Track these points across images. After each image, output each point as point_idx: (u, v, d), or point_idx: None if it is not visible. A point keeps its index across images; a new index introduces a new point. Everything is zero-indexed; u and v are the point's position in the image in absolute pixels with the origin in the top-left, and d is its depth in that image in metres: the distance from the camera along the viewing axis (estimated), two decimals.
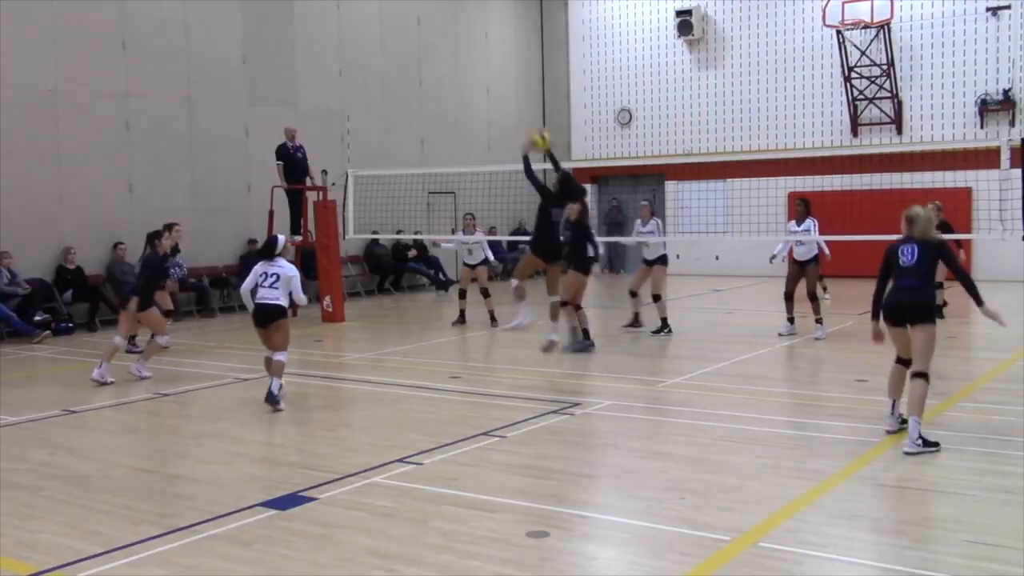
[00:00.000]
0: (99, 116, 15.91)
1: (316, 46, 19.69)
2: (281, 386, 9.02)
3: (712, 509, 5.78)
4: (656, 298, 13.30)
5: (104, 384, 10.28)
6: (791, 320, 12.97)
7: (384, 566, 4.97)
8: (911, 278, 7.24)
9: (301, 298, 9.52)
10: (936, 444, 6.93)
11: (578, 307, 11.82)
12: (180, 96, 17.14)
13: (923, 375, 7.06)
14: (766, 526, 5.44)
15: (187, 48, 17.21)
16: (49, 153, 15.27)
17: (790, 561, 4.94)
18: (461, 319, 14.80)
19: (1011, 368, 10.43)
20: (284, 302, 9.22)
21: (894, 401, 7.41)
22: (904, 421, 7.13)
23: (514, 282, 11.59)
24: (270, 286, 9.15)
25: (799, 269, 12.86)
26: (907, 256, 7.30)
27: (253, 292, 9.31)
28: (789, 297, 12.89)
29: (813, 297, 12.72)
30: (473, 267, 14.91)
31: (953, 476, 6.38)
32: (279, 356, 9.15)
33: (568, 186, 11.60)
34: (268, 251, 9.42)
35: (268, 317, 9.16)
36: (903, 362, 7.37)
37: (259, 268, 9.27)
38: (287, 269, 9.25)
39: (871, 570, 4.84)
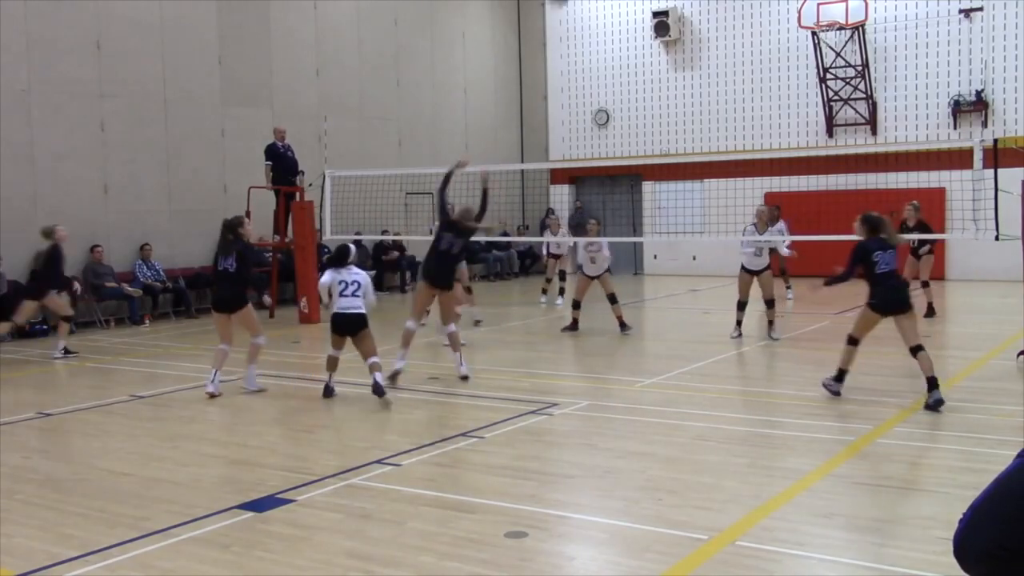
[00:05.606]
0: (74, 116, 15.78)
1: (293, 46, 19.61)
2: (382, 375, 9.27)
3: (690, 508, 5.80)
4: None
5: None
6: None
7: (362, 567, 4.96)
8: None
9: (373, 301, 9.69)
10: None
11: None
12: (156, 96, 17.03)
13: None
14: (743, 525, 5.47)
15: (162, 48, 17.10)
16: (23, 154, 15.12)
17: (767, 560, 4.97)
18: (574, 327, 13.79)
19: (984, 366, 10.54)
20: (365, 309, 9.40)
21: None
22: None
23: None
24: (352, 295, 9.32)
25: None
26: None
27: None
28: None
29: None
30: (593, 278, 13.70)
31: (928, 474, 6.44)
32: (373, 359, 9.29)
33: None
34: (341, 259, 9.51)
35: (356, 326, 9.34)
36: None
37: (335, 276, 9.39)
38: (363, 276, 9.49)
39: (848, 568, 4.87)
